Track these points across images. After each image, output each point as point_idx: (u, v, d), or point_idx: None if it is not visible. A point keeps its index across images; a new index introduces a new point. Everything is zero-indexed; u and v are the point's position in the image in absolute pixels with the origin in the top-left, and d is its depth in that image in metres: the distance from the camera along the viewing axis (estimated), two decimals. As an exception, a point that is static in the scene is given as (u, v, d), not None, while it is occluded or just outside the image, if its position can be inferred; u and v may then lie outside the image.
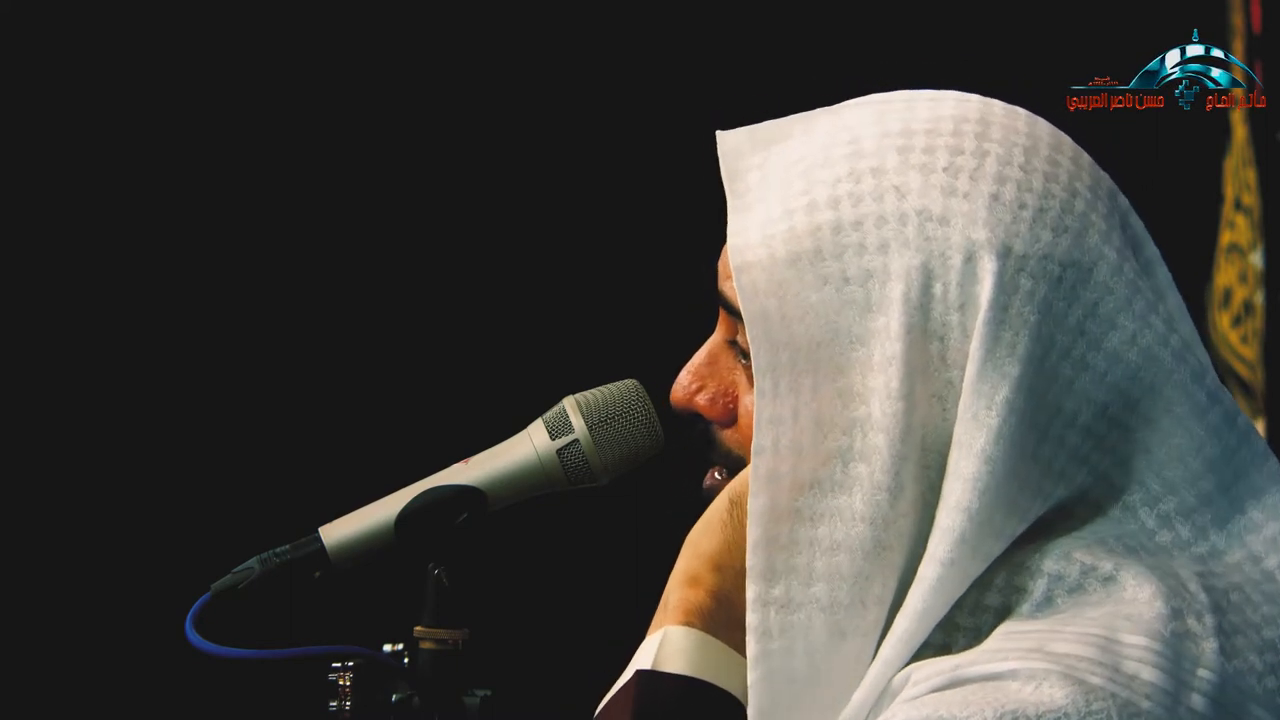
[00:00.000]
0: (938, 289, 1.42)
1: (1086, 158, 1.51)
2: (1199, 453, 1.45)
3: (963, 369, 1.41)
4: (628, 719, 1.45)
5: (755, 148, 1.53)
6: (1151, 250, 1.50)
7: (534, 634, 3.15)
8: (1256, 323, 3.60)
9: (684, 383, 1.62)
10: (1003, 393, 1.40)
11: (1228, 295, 3.60)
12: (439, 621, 1.73)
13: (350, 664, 1.72)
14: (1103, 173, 1.51)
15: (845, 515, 1.42)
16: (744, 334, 1.56)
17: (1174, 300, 1.50)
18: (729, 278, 1.55)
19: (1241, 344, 3.60)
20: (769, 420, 1.44)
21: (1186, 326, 1.49)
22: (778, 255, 1.46)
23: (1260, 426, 3.60)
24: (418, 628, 1.73)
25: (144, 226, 3.26)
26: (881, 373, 1.43)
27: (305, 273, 3.31)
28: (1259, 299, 3.59)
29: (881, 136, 1.47)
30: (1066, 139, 1.51)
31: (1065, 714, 1.30)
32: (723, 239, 1.59)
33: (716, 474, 1.63)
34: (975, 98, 1.51)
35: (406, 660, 1.73)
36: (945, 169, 1.44)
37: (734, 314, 1.57)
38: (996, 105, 1.51)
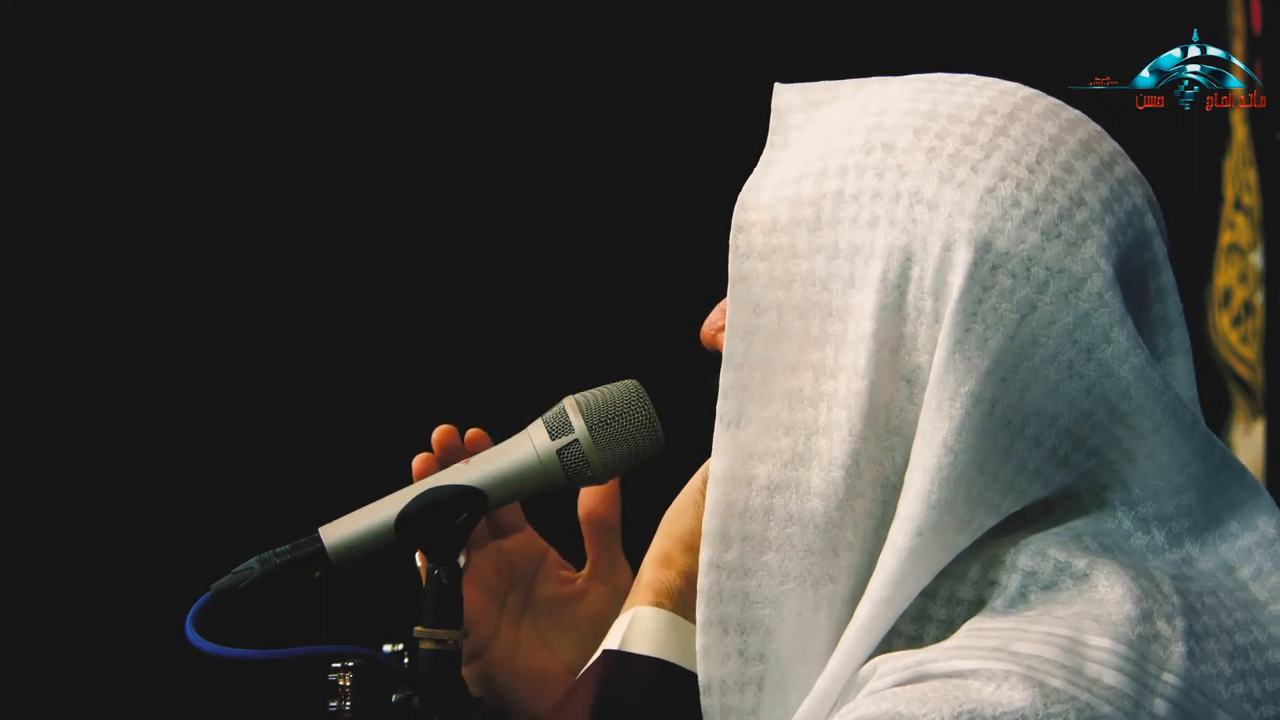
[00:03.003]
0: (915, 272, 1.41)
1: (1120, 172, 1.47)
2: (1184, 469, 1.44)
3: (932, 355, 1.40)
4: (591, 698, 1.45)
5: (804, 106, 1.53)
6: (1167, 279, 1.48)
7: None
8: (1256, 323, 3.60)
9: (712, 319, 1.60)
10: (969, 385, 1.38)
11: (1228, 295, 3.60)
12: (439, 621, 1.73)
13: (350, 664, 1.72)
14: (1134, 191, 1.47)
15: (802, 488, 1.42)
16: None
17: (1179, 334, 1.49)
18: None
19: (1241, 344, 3.60)
20: (736, 385, 1.44)
21: (1183, 359, 1.48)
22: (779, 220, 1.46)
23: (1260, 426, 3.60)
24: (418, 628, 1.73)
25: (143, 227, 3.26)
26: (852, 350, 1.42)
27: (305, 273, 3.31)
28: (1259, 299, 3.59)
29: (906, 114, 1.46)
30: (1106, 150, 1.48)
31: (1023, 716, 1.29)
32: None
33: None
34: (1024, 92, 1.49)
35: (406, 660, 1.73)
36: (951, 156, 1.43)
37: None
38: (1040, 104, 1.48)
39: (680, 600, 1.51)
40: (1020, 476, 1.41)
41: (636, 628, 1.49)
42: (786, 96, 1.53)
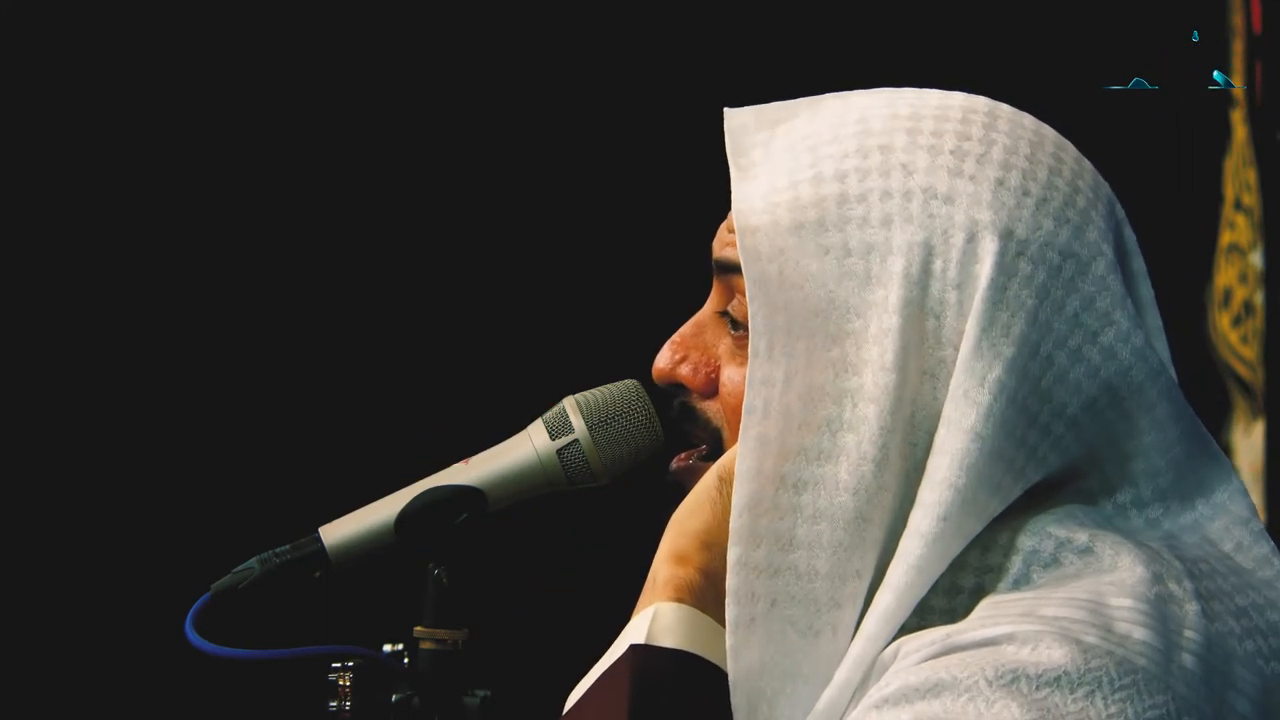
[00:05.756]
0: (938, 266, 1.44)
1: (1089, 164, 1.53)
2: (1167, 451, 1.48)
3: (956, 347, 1.43)
4: (626, 691, 1.45)
5: (761, 125, 1.55)
6: (1139, 264, 1.53)
7: (534, 634, 3.16)
8: (1256, 323, 3.60)
9: (666, 355, 1.63)
10: (995, 372, 1.41)
11: (1228, 295, 3.60)
12: (439, 621, 1.73)
13: (350, 664, 1.72)
14: (1103, 181, 1.53)
15: (829, 484, 1.43)
16: (736, 303, 1.58)
17: (1152, 317, 1.52)
18: (728, 244, 1.57)
19: (1241, 344, 3.60)
20: (761, 381, 1.45)
21: (1161, 342, 1.52)
22: (781, 222, 1.48)
23: (1260, 426, 3.61)
24: (418, 628, 1.73)
25: (144, 227, 3.26)
26: (876, 345, 1.44)
27: (306, 273, 3.31)
28: (1259, 299, 3.59)
29: (891, 118, 1.50)
30: (1070, 145, 1.53)
31: (1065, 672, 1.31)
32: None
33: (689, 458, 1.64)
34: (983, 97, 1.54)
35: (406, 660, 1.73)
36: (952, 151, 1.47)
37: (729, 279, 1.59)
38: (1003, 105, 1.53)
39: (699, 595, 1.51)
40: (1030, 464, 1.44)
41: (660, 622, 1.49)
42: (740, 119, 1.56)
